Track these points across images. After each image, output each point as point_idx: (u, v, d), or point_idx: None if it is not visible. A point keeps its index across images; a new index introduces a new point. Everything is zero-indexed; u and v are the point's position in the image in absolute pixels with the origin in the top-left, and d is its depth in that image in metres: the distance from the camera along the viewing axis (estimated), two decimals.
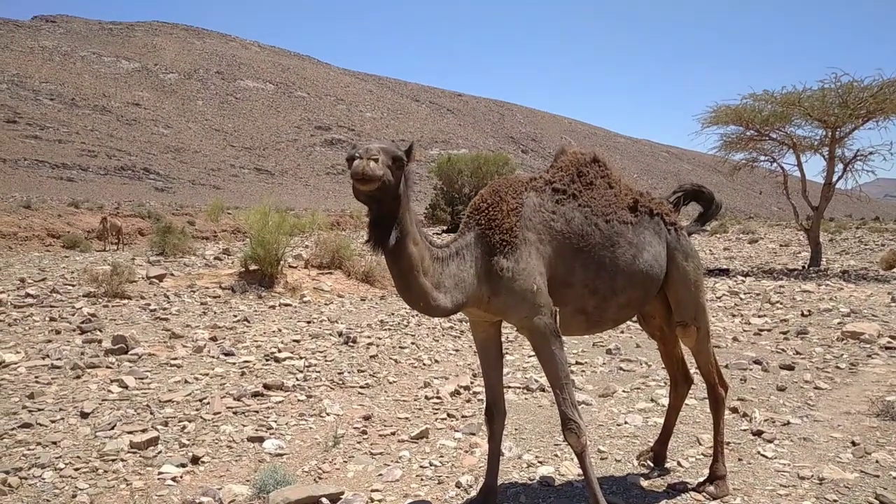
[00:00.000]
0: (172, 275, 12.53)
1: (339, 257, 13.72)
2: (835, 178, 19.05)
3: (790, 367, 7.12)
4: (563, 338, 3.41)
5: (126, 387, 5.82)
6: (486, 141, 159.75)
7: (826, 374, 6.85)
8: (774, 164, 21.06)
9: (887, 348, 7.74)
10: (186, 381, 6.13)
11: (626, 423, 5.30)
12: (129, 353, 7.01)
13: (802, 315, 10.14)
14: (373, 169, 2.71)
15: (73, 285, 11.24)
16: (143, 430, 4.83)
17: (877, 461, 4.40)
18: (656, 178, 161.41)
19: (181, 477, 4.14)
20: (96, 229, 23.43)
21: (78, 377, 6.07)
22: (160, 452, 4.49)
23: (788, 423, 5.25)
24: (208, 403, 5.49)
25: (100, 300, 10.07)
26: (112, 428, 4.84)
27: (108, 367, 6.47)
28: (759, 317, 10.18)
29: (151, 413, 5.22)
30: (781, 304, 11.37)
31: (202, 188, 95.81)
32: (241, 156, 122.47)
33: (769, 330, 9.28)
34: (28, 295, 10.03)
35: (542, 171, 3.78)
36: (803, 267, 18.49)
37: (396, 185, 2.90)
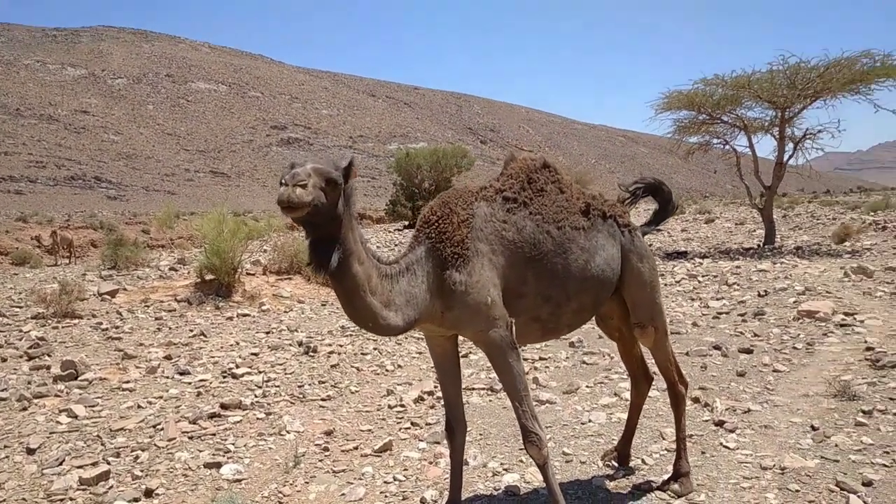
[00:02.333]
0: (125, 289, 12.17)
1: (298, 261, 13.49)
2: (786, 157, 19.41)
3: (749, 351, 7.19)
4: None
5: (75, 416, 5.60)
6: (445, 133, 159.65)
7: (784, 355, 6.92)
8: (727, 147, 21.38)
9: (842, 325, 7.86)
10: (139, 406, 5.92)
11: (590, 421, 5.27)
12: (79, 378, 6.75)
13: (759, 295, 10.27)
14: (299, 196, 2.59)
15: (21, 307, 10.84)
16: (94, 464, 4.65)
17: (836, 445, 4.44)
18: (614, 162, 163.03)
19: None
20: (46, 244, 22.76)
21: (24, 409, 5.81)
22: (111, 487, 4.32)
23: (749, 410, 5.29)
24: (162, 429, 5.30)
25: (49, 321, 9.71)
26: (60, 463, 4.64)
27: (56, 396, 6.22)
28: (718, 299, 10.29)
29: (102, 444, 5.02)
30: (738, 285, 11.51)
31: (156, 194, 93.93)
32: (196, 159, 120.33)
33: (727, 313, 9.37)
34: None
35: (492, 180, 3.70)
36: (758, 245, 18.81)
37: (333, 205, 2.78)
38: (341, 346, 8.24)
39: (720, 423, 4.97)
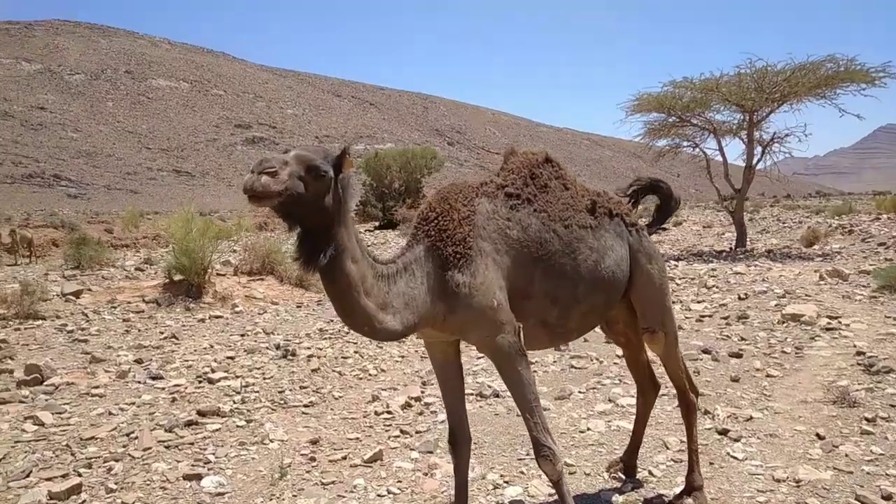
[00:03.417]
0: (90, 290, 11.68)
1: (271, 262, 13.14)
2: (754, 161, 19.64)
3: (738, 355, 7.11)
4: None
5: (42, 424, 5.24)
6: (412, 134, 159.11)
7: (774, 360, 6.86)
8: (697, 149, 21.56)
9: (828, 329, 7.84)
10: (111, 413, 5.58)
11: (588, 429, 5.08)
12: (45, 383, 6.38)
13: (740, 298, 10.26)
14: (264, 185, 2.38)
15: None
16: (64, 476, 4.32)
17: (846, 455, 4.33)
18: (579, 165, 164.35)
19: None
20: (4, 243, 21.88)
21: None
22: (84, 502, 4.00)
23: (751, 417, 5.17)
24: (136, 438, 4.98)
25: (10, 323, 9.24)
26: (27, 475, 4.30)
27: (20, 402, 5.84)
28: (699, 302, 10.24)
29: (72, 454, 4.69)
30: (718, 287, 11.52)
31: (119, 193, 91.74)
32: (159, 158, 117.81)
33: (710, 315, 9.32)
34: None
35: (491, 175, 3.48)
36: (730, 248, 18.98)
37: (316, 196, 2.56)
38: (321, 349, 7.96)
39: (724, 432, 4.83)
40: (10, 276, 14.85)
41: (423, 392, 6.22)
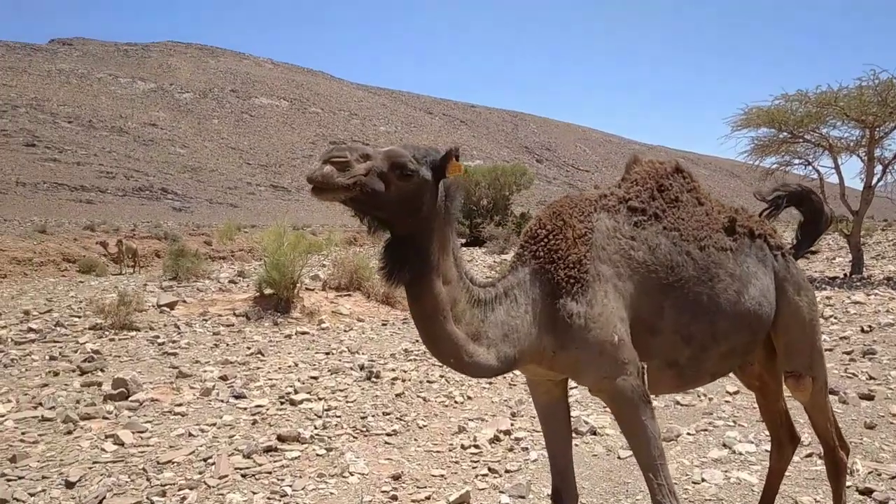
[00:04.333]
0: (185, 301, 11.88)
1: (358, 278, 13.02)
2: (874, 180, 18.14)
3: (869, 397, 6.28)
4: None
5: (122, 443, 5.12)
6: (501, 151, 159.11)
7: None
8: (809, 168, 20.12)
9: None
10: (191, 434, 5.42)
11: (703, 480, 4.49)
12: (130, 398, 6.33)
13: (863, 331, 9.27)
14: (325, 175, 2.07)
15: (80, 317, 10.63)
16: None
17: None
18: None
19: None
20: (111, 253, 22.95)
21: (69, 432, 5.38)
22: None
23: None
24: (213, 463, 4.77)
25: (106, 333, 9.43)
26: (100, 502, 4.14)
27: (104, 418, 5.77)
28: None
29: (147, 479, 4.51)
30: (836, 318, 10.51)
31: (219, 207, 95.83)
32: (258, 173, 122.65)
33: (830, 349, 8.41)
34: (30, 330, 9.41)
35: (611, 186, 3.01)
36: (845, 275, 17.53)
37: (401, 199, 2.23)
38: (405, 371, 7.64)
39: (867, 492, 4.14)
40: (113, 285, 15.41)
41: (512, 425, 5.77)
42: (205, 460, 4.86)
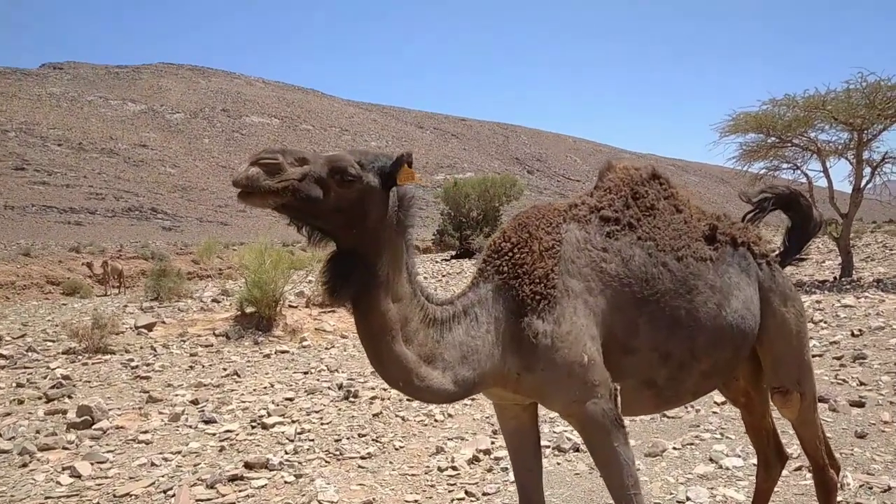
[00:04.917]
0: (164, 322, 11.61)
1: None
2: (863, 183, 18.05)
3: (860, 404, 6.08)
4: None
5: (79, 475, 4.86)
6: (492, 163, 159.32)
7: None
8: (797, 172, 20.02)
9: None
10: (153, 464, 5.15)
11: (688, 499, 4.25)
12: (94, 426, 6.06)
13: (853, 335, 9.09)
14: (250, 178, 1.87)
15: (54, 341, 10.35)
16: None
17: None
18: None
19: None
20: (96, 274, 22.68)
21: (24, 465, 5.11)
22: None
23: (889, 488, 4.22)
24: (173, 495, 4.51)
25: (79, 357, 9.16)
26: None
27: (64, 448, 5.50)
28: None
29: None
30: (826, 322, 10.33)
31: (210, 225, 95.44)
32: None
33: (820, 355, 8.23)
34: (0, 356, 9.13)
35: (583, 195, 2.79)
36: (835, 278, 17.40)
37: (340, 207, 2.03)
38: (385, 389, 7.37)
39: None
40: (94, 307, 15.12)
41: (493, 444, 5.53)
42: (165, 492, 4.60)
